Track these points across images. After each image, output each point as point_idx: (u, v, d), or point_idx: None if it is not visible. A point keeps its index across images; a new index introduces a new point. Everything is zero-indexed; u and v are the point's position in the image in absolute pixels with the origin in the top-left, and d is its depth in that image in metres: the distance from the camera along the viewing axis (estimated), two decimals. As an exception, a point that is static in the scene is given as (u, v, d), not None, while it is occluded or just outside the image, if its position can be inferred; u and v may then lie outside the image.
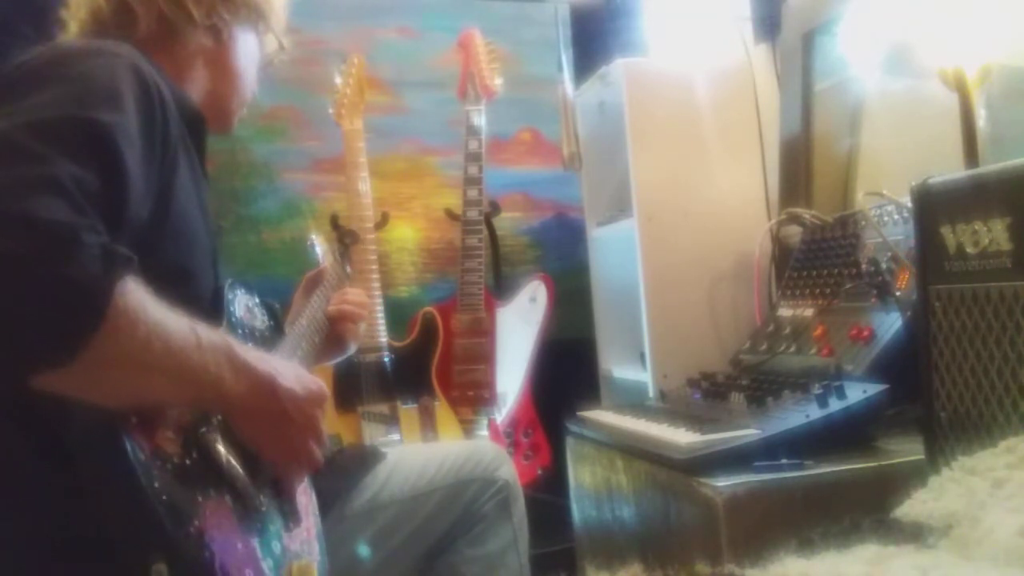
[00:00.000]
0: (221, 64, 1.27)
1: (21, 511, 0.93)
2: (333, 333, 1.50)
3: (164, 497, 0.87)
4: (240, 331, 1.17)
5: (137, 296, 0.85)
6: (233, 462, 0.99)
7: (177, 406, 0.95)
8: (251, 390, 0.97)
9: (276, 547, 1.03)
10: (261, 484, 1.03)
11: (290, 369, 1.06)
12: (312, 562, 1.10)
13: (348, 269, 1.60)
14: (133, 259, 0.85)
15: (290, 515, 1.09)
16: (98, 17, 1.20)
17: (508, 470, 1.53)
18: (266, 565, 0.99)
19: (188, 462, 0.94)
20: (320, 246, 1.67)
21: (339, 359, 1.62)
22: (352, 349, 1.58)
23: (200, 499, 0.92)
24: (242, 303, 1.20)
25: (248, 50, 1.31)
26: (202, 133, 1.18)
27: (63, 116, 0.90)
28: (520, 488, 1.55)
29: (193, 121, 1.14)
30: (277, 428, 1.02)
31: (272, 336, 1.28)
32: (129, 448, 0.87)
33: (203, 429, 0.98)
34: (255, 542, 0.99)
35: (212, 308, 1.12)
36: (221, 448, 0.98)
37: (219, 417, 1.00)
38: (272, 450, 1.04)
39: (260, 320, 1.25)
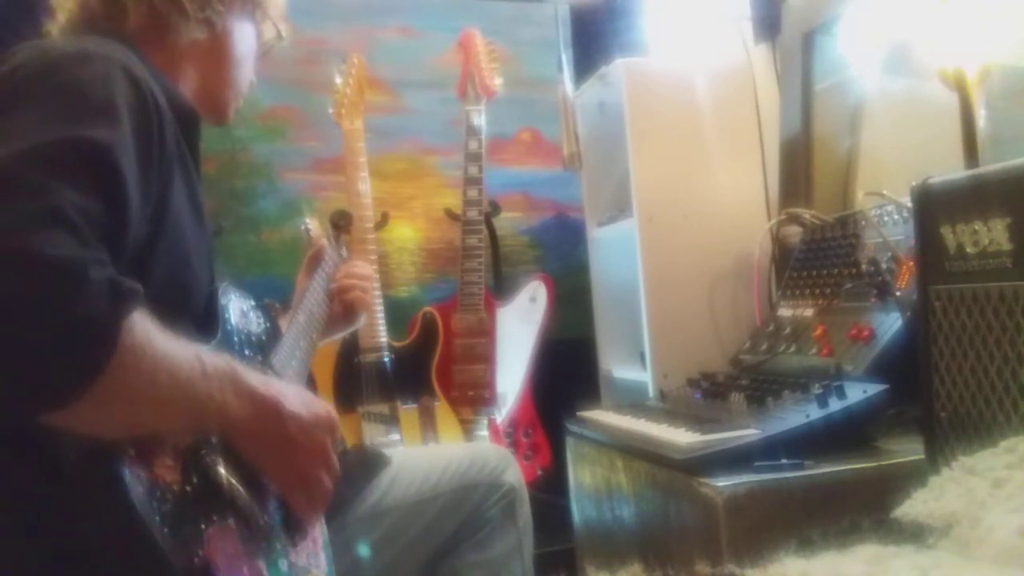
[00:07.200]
0: (216, 57, 1.21)
1: (18, 539, 0.87)
2: (340, 305, 1.48)
3: (166, 531, 0.85)
4: (236, 338, 1.15)
5: (143, 329, 0.82)
6: (234, 482, 0.96)
7: (182, 435, 0.93)
8: (256, 415, 0.95)
9: (283, 565, 1.02)
10: (264, 500, 1.01)
11: (296, 393, 1.03)
12: (320, 574, 1.10)
13: (344, 252, 1.57)
14: (139, 290, 0.82)
15: (295, 529, 1.07)
16: (86, 9, 1.14)
17: (514, 474, 1.51)
18: None
19: (189, 489, 0.92)
20: (314, 230, 1.66)
21: (350, 330, 1.58)
22: (363, 319, 1.56)
23: (203, 527, 0.90)
24: (236, 308, 1.18)
25: (245, 40, 1.25)
26: (196, 132, 1.13)
27: (58, 139, 0.84)
28: (526, 492, 1.53)
29: (187, 120, 1.09)
30: (283, 453, 1.00)
31: (269, 339, 1.26)
32: (128, 483, 0.84)
33: (203, 451, 0.95)
34: (261, 564, 0.97)
35: (206, 316, 1.09)
36: (222, 470, 0.95)
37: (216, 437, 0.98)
38: (279, 475, 1.02)
39: (256, 324, 1.22)
